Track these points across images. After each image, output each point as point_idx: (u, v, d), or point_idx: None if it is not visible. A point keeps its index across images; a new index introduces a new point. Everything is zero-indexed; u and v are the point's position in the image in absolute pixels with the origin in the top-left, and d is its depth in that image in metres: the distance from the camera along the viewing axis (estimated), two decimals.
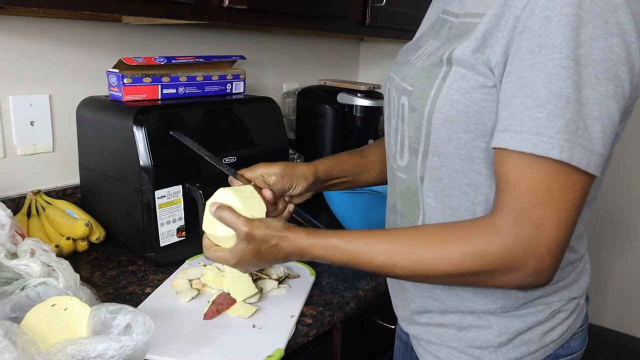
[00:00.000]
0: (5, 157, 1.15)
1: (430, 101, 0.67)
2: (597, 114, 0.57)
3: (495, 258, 0.61)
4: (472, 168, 0.67)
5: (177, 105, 1.12)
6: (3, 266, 0.80)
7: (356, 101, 1.50)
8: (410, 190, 0.75)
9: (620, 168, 1.74)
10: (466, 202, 0.69)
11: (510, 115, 0.59)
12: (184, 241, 1.09)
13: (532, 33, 0.58)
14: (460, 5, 0.69)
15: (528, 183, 0.59)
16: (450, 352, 0.77)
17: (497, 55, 0.61)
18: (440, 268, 0.64)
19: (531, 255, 0.59)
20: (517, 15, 0.59)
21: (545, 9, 0.57)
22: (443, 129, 0.67)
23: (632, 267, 1.83)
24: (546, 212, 0.58)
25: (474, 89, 0.64)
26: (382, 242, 0.68)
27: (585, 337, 0.80)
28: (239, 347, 0.80)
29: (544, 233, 0.59)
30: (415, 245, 0.66)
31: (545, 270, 0.60)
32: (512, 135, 0.59)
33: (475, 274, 0.63)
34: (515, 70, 0.59)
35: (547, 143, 0.57)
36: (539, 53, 0.57)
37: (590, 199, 0.72)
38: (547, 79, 0.57)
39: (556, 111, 0.56)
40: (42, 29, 1.16)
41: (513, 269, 0.61)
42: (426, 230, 0.68)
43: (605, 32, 0.56)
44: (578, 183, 0.58)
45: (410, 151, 0.73)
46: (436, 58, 0.69)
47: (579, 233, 0.74)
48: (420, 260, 0.65)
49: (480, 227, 0.63)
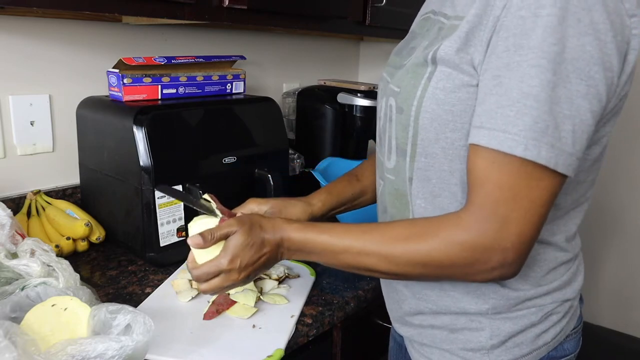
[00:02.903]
0: (5, 157, 1.15)
1: (416, 101, 0.68)
2: (567, 112, 0.57)
3: (460, 252, 0.62)
4: (460, 168, 0.67)
5: (177, 105, 1.12)
6: (3, 266, 0.80)
7: (356, 101, 1.50)
8: (399, 192, 0.75)
9: (613, 168, 1.74)
10: (455, 202, 0.69)
11: (484, 112, 0.60)
12: (184, 241, 1.08)
13: (508, 32, 0.58)
14: (452, 8, 0.70)
15: (495, 180, 0.60)
16: (442, 354, 0.77)
17: (480, 55, 0.62)
18: (408, 260, 0.65)
19: (495, 250, 0.60)
20: (496, 15, 0.60)
21: (520, 8, 0.58)
22: (430, 129, 0.67)
23: (625, 267, 1.83)
24: (511, 209, 0.59)
25: (459, 88, 0.64)
26: (352, 235, 0.69)
27: (579, 338, 0.80)
28: (239, 347, 0.80)
29: (508, 229, 0.60)
30: (386, 240, 0.67)
31: (509, 264, 0.62)
32: (484, 132, 0.60)
33: (443, 266, 0.64)
34: (492, 69, 0.60)
35: (512, 140, 0.57)
36: (514, 53, 0.58)
37: (583, 199, 0.72)
38: (519, 79, 0.57)
39: (523, 109, 0.57)
40: (42, 29, 1.16)
41: (478, 263, 0.62)
42: (398, 224, 0.69)
43: (578, 31, 0.56)
44: (546, 181, 0.59)
45: (398, 152, 0.73)
46: (421, 58, 0.69)
47: (572, 233, 0.74)
48: (389, 254, 0.66)
49: (448, 221, 0.64)
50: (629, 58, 0.60)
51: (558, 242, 0.72)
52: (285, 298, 0.94)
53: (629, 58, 0.60)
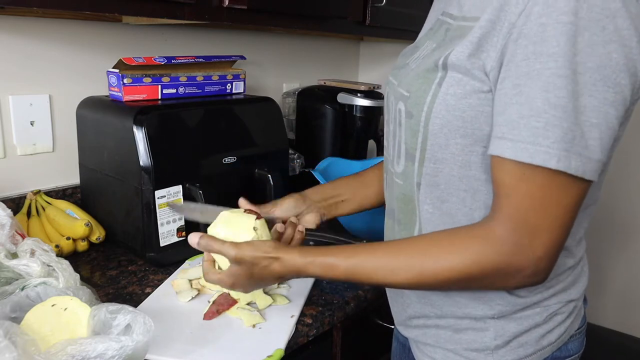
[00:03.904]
0: (5, 157, 1.15)
1: (426, 107, 0.67)
2: (594, 121, 0.57)
3: (494, 264, 0.62)
4: (469, 174, 0.67)
5: (177, 105, 1.12)
6: (3, 266, 0.80)
7: (356, 101, 1.50)
8: (406, 196, 0.75)
9: (619, 170, 1.74)
10: (464, 208, 0.69)
11: (505, 122, 0.59)
12: (184, 241, 1.08)
13: (528, 40, 0.57)
14: (459, 8, 0.69)
15: (525, 191, 0.59)
16: (446, 354, 0.76)
17: (493, 61, 0.61)
18: (441, 277, 0.64)
19: (529, 259, 0.61)
20: (512, 21, 0.59)
21: (541, 16, 0.56)
22: (440, 135, 0.67)
23: (631, 268, 1.83)
24: (542, 218, 0.59)
25: (470, 94, 0.63)
26: (379, 257, 0.69)
27: (583, 339, 0.80)
28: (239, 347, 0.80)
29: (540, 238, 0.60)
30: (414, 257, 0.66)
31: (541, 271, 0.62)
32: (508, 144, 0.59)
33: (476, 280, 0.64)
34: (511, 77, 0.59)
35: (545, 153, 0.57)
36: (535, 61, 0.57)
37: (591, 201, 0.72)
38: (543, 88, 0.56)
39: (553, 121, 0.56)
40: (42, 29, 1.16)
41: (512, 273, 0.62)
42: (423, 240, 0.69)
43: (603, 39, 0.55)
44: (574, 189, 0.59)
45: (407, 157, 0.73)
46: (431, 62, 0.68)
47: (579, 237, 0.74)
48: (420, 272, 0.65)
49: (478, 234, 0.63)
50: None
51: (567, 247, 0.72)
52: (285, 298, 0.94)
53: None
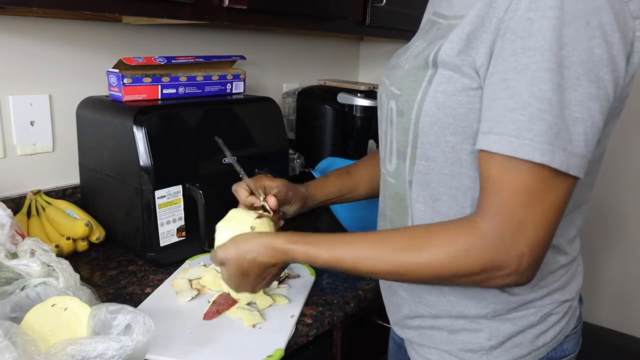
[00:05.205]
0: (5, 157, 1.15)
1: (417, 104, 0.67)
2: (578, 115, 0.57)
3: (479, 259, 0.61)
4: (460, 172, 0.67)
5: (177, 105, 1.12)
6: (3, 266, 0.80)
7: (356, 101, 1.50)
8: (399, 195, 0.75)
9: (612, 168, 1.74)
10: (455, 206, 0.69)
11: (493, 117, 0.60)
12: (184, 241, 1.09)
13: (515, 35, 0.58)
14: (450, 8, 0.69)
15: (510, 185, 0.59)
16: (441, 355, 0.76)
17: (482, 57, 0.61)
18: (424, 270, 0.64)
19: (512, 255, 0.60)
20: (500, 17, 0.59)
21: (528, 11, 0.57)
22: (430, 133, 0.67)
23: (625, 267, 1.83)
24: (527, 213, 0.59)
25: (460, 91, 0.64)
26: (364, 247, 0.69)
27: (579, 339, 0.80)
28: (239, 347, 0.80)
29: (524, 233, 0.59)
30: (398, 249, 0.66)
31: (526, 269, 0.61)
32: (495, 138, 0.59)
33: (460, 275, 0.63)
34: (499, 72, 0.59)
35: (528, 146, 0.57)
36: (522, 55, 0.57)
37: (582, 201, 0.72)
38: (529, 82, 0.57)
39: (537, 114, 0.56)
40: (42, 29, 1.16)
41: (495, 269, 0.61)
42: (409, 232, 0.69)
43: (587, 34, 0.56)
44: (559, 184, 0.59)
45: (399, 155, 0.73)
46: (422, 60, 0.68)
47: (572, 236, 0.74)
48: (403, 264, 0.65)
49: (463, 228, 0.63)
50: (632, 60, 0.60)
51: (559, 245, 0.72)
52: (285, 298, 0.94)
53: (632, 60, 0.60)
